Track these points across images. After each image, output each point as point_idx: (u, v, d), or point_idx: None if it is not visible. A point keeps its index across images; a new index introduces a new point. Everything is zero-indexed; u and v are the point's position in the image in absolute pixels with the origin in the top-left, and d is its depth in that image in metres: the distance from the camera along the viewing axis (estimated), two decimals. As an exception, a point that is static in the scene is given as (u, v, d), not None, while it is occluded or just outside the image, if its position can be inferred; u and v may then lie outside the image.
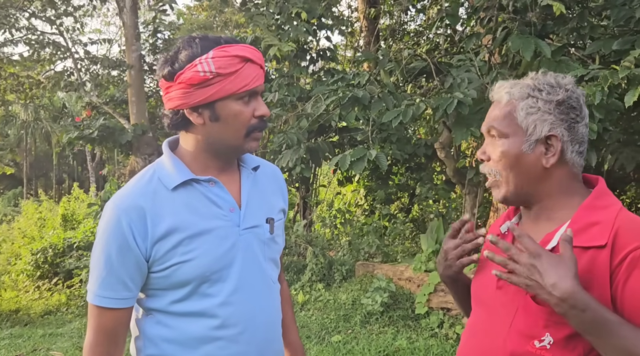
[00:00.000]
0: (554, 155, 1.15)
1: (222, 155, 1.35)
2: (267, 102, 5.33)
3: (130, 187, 1.31)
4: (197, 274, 1.28)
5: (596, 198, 1.16)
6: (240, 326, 1.33)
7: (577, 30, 3.99)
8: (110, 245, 1.24)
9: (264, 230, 1.39)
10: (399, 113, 4.09)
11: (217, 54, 1.23)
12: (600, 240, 1.08)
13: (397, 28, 9.44)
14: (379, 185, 7.70)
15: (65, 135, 6.29)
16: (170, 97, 1.28)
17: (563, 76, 1.19)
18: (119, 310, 1.27)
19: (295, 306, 5.25)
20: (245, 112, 1.28)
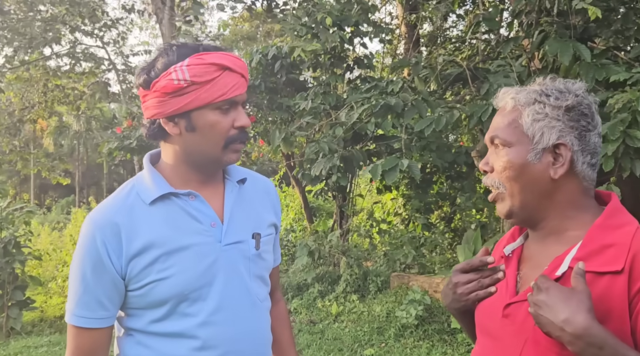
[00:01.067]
0: (563, 165, 1.05)
1: (202, 168, 1.28)
2: (299, 110, 5.30)
3: (107, 202, 1.26)
4: (175, 293, 1.22)
5: (609, 216, 1.05)
6: (222, 348, 1.25)
7: (621, 33, 3.79)
8: (85, 263, 1.20)
9: (249, 246, 1.32)
10: (432, 121, 3.98)
11: (193, 62, 1.18)
12: (617, 264, 0.97)
13: (439, 34, 9.29)
14: (418, 194, 7.55)
15: (105, 145, 6.45)
16: (147, 106, 1.23)
17: (573, 82, 1.09)
18: (96, 330, 1.22)
19: (329, 318, 5.17)
20: (222, 122, 1.22)
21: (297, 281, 5.97)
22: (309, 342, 4.64)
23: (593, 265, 0.99)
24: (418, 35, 8.54)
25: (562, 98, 1.05)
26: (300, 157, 7.09)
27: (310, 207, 8.37)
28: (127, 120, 6.88)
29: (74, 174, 27.52)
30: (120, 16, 8.22)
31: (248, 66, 6.91)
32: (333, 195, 7.06)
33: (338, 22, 5.51)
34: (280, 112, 6.40)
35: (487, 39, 5.94)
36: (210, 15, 32.86)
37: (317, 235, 6.37)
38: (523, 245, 1.18)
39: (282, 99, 6.43)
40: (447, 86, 5.50)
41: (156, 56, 1.23)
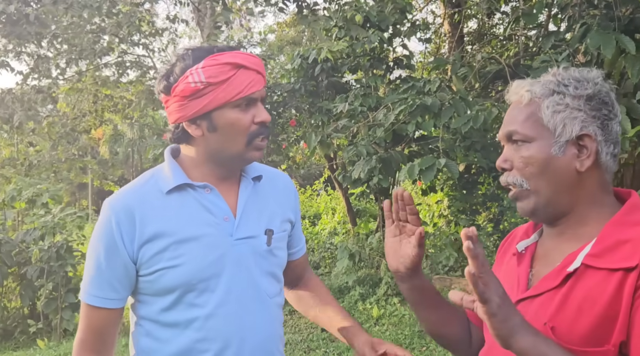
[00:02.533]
0: (589, 157, 1.00)
1: (224, 165, 1.32)
2: (337, 113, 5.29)
3: (126, 188, 1.32)
4: (182, 281, 1.25)
5: (628, 213, 1.00)
6: (226, 341, 1.27)
7: (670, 23, 3.59)
8: (100, 245, 1.26)
9: (261, 242, 1.34)
10: (470, 119, 3.89)
11: (208, 63, 1.22)
12: (631, 261, 0.92)
13: (484, 32, 9.09)
14: (463, 195, 7.40)
15: (151, 151, 6.63)
16: (170, 111, 1.27)
17: (589, 70, 1.05)
18: (106, 310, 1.27)
19: (370, 321, 5.13)
20: (242, 119, 1.25)
21: (338, 284, 5.96)
22: (348, 346, 4.61)
23: (607, 262, 0.95)
24: (462, 33, 8.38)
25: (581, 87, 1.01)
26: (342, 160, 7.09)
27: (354, 209, 8.35)
28: (173, 127, 7.05)
29: (129, 180, 28.46)
30: (166, 26, 8.48)
31: (289, 70, 6.98)
32: (375, 197, 7.01)
33: (377, 23, 5.48)
34: (320, 115, 6.41)
35: (528, 35, 5.77)
36: (256, 22, 33.31)
37: (358, 237, 6.33)
38: (537, 242, 1.14)
39: (322, 103, 6.44)
40: (487, 84, 5.38)
41: (174, 62, 1.27)
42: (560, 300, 0.98)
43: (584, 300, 0.95)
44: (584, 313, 0.94)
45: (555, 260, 1.04)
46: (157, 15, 8.92)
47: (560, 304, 0.97)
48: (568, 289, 0.98)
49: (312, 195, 13.90)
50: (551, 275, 1.02)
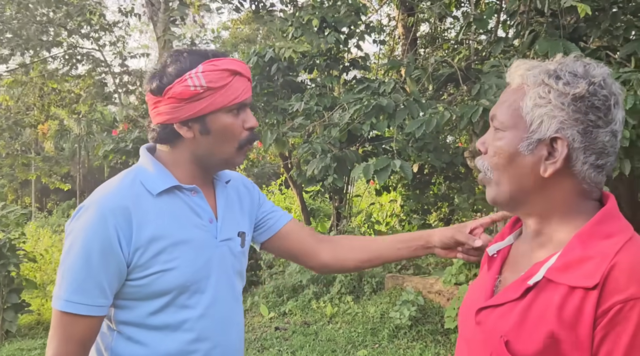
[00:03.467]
0: (555, 163, 0.91)
1: (209, 168, 1.34)
2: (292, 112, 5.31)
3: (114, 188, 1.26)
4: (178, 284, 1.25)
5: (599, 223, 0.91)
6: (214, 340, 1.30)
7: (610, 32, 3.78)
8: (92, 246, 1.18)
9: (236, 244, 1.39)
10: (423, 123, 3.98)
11: (207, 68, 1.23)
12: (591, 279, 0.85)
13: (437, 36, 9.29)
14: (416, 195, 7.55)
15: (101, 148, 6.46)
16: (159, 112, 1.26)
17: (598, 65, 0.93)
18: (92, 318, 1.20)
19: (323, 319, 5.17)
20: (235, 125, 1.28)
21: (292, 283, 5.97)
22: (302, 343, 4.64)
23: (568, 278, 0.88)
24: (415, 37, 8.54)
25: (572, 83, 0.90)
26: (296, 158, 7.10)
27: (308, 209, 8.38)
28: (124, 123, 6.90)
29: (75, 177, 27.57)
30: (118, 20, 8.27)
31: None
32: (330, 196, 7.06)
33: (333, 24, 5.52)
34: (275, 114, 6.40)
35: (479, 40, 5.94)
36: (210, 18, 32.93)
37: (312, 236, 6.36)
38: (512, 244, 1.09)
39: (278, 102, 6.43)
40: (440, 87, 5.50)
41: (166, 63, 1.27)
42: (519, 313, 0.91)
43: (540, 316, 0.89)
44: (539, 330, 0.88)
45: (522, 267, 0.98)
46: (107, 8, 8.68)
47: (518, 317, 0.91)
48: (528, 302, 0.91)
49: (267, 195, 13.87)
50: (514, 285, 0.96)
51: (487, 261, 1.09)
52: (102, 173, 30.76)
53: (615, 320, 0.82)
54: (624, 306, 0.82)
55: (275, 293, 5.87)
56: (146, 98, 1.31)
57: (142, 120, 6.93)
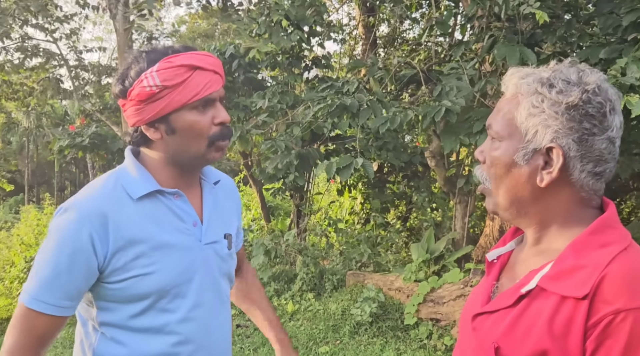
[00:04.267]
0: (551, 173, 0.90)
1: (187, 167, 1.31)
2: (257, 109, 5.31)
3: (93, 192, 1.25)
4: (157, 288, 1.24)
5: (594, 232, 0.90)
6: (197, 343, 1.30)
7: (565, 39, 3.95)
8: (63, 249, 1.18)
9: (222, 246, 1.37)
10: (387, 120, 4.06)
11: (162, 66, 1.20)
12: (581, 289, 0.84)
13: (395, 36, 9.43)
14: (376, 194, 7.67)
15: (56, 142, 6.28)
16: (128, 115, 1.26)
17: (592, 71, 0.92)
18: (55, 317, 1.20)
19: (285, 317, 5.19)
20: (201, 121, 1.23)
21: (253, 281, 5.96)
22: (264, 340, 4.65)
23: (560, 287, 0.87)
24: (375, 37, 8.66)
25: (566, 92, 0.89)
26: (258, 156, 7.09)
27: (268, 206, 8.38)
28: (80, 118, 6.72)
29: (23, 172, 26.61)
30: (74, 11, 8.02)
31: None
32: (290, 194, 7.09)
33: (296, 22, 5.54)
34: (237, 111, 6.38)
35: (440, 42, 6.08)
36: (167, 11, 32.28)
37: (273, 234, 6.37)
38: (513, 250, 1.08)
39: (239, 98, 6.41)
40: (402, 87, 5.61)
41: (129, 64, 1.24)
42: (511, 320, 0.91)
43: (531, 324, 0.88)
44: (530, 338, 0.88)
45: (519, 274, 0.99)
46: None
47: (510, 325, 0.91)
48: (520, 310, 0.91)
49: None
50: (509, 292, 0.96)
51: (487, 266, 1.09)
52: (52, 168, 29.80)
53: (606, 333, 0.81)
54: (615, 318, 0.81)
55: (236, 291, 5.85)
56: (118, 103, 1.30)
57: (99, 114, 6.79)
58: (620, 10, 3.53)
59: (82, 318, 1.31)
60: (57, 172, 26.61)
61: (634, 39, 3.44)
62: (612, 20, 3.56)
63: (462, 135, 3.99)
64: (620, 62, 3.11)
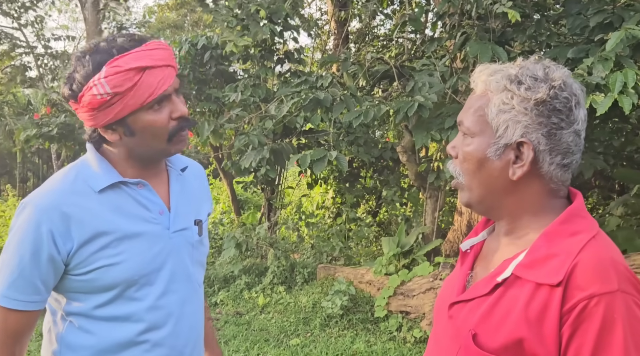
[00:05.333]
0: (522, 167, 0.95)
1: (148, 160, 1.31)
2: (230, 102, 5.28)
3: (53, 187, 1.23)
4: (125, 278, 1.24)
5: (564, 222, 0.94)
6: (166, 330, 1.30)
7: (534, 38, 4.05)
8: (25, 247, 1.18)
9: (193, 233, 1.37)
10: (361, 114, 4.09)
11: (110, 72, 1.15)
12: (555, 277, 0.88)
13: (367, 32, 9.49)
14: (346, 188, 7.72)
15: (22, 132, 6.12)
16: (81, 118, 1.23)
17: (557, 67, 0.96)
18: (26, 312, 1.21)
19: (255, 309, 5.20)
20: (159, 120, 1.22)
21: (223, 274, 5.95)
22: (235, 333, 4.65)
23: (534, 275, 0.91)
24: (347, 32, 8.68)
25: (534, 88, 0.93)
26: (229, 149, 7.05)
27: (238, 199, 8.35)
28: (46, 107, 6.56)
29: (-16, 163, 25.77)
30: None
31: (177, 55, 6.80)
32: (261, 187, 7.08)
33: (269, 15, 5.52)
34: (209, 103, 6.33)
35: (412, 39, 6.15)
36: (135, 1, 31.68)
37: (244, 227, 6.36)
38: (485, 240, 1.12)
39: (211, 90, 6.36)
40: (375, 83, 5.65)
41: (74, 67, 1.20)
42: (487, 308, 0.95)
43: (507, 312, 0.92)
44: (506, 325, 0.91)
45: (493, 263, 1.02)
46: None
47: (486, 312, 0.95)
48: (496, 298, 0.95)
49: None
50: (484, 281, 0.99)
51: (461, 256, 1.13)
52: (14, 159, 28.93)
53: (581, 317, 0.85)
54: (589, 303, 0.85)
55: (206, 284, 5.82)
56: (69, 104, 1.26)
57: (66, 104, 6.61)
58: (588, 11, 3.63)
59: (51, 307, 1.31)
60: (20, 163, 25.86)
61: (600, 39, 3.55)
62: (579, 21, 3.67)
63: (433, 130, 4.05)
64: (587, 61, 3.20)
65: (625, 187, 7.49)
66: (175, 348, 1.32)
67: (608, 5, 3.62)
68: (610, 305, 0.84)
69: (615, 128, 5.97)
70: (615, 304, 0.84)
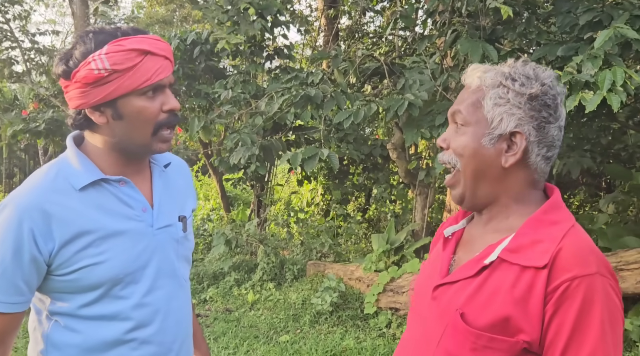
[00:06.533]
0: (515, 155, 1.04)
1: (131, 155, 1.28)
2: (219, 98, 5.25)
3: (33, 185, 1.20)
4: (110, 276, 1.22)
5: (546, 212, 1.04)
6: (153, 327, 1.29)
7: (524, 36, 4.06)
8: (6, 247, 1.15)
9: (177, 229, 1.36)
10: (351, 114, 4.09)
11: (112, 49, 1.15)
12: (541, 260, 0.97)
13: (357, 28, 9.48)
14: (336, 185, 7.72)
15: (9, 128, 6.05)
16: (70, 97, 1.21)
17: (545, 69, 1.07)
18: (9, 314, 1.18)
19: (245, 306, 5.19)
20: (150, 108, 1.21)
21: (213, 270, 5.93)
22: (224, 330, 4.64)
23: (520, 258, 0.99)
24: (337, 29, 8.67)
25: (527, 85, 1.02)
26: (218, 145, 7.02)
27: (227, 196, 8.32)
28: (34, 103, 6.48)
29: (-31, 159, 25.49)
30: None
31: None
32: (251, 184, 7.06)
33: (260, 11, 5.50)
34: (198, 99, 6.30)
35: (403, 36, 6.16)
36: (123, -4, 31.35)
37: (234, 224, 6.35)
38: (464, 228, 1.19)
39: (200, 86, 6.33)
40: (366, 80, 5.66)
41: (73, 44, 1.19)
42: (474, 289, 1.02)
43: (494, 292, 0.99)
44: (493, 304, 0.98)
45: (476, 248, 1.09)
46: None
47: (472, 293, 1.02)
48: (482, 280, 1.02)
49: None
50: (469, 264, 1.06)
51: (443, 242, 1.19)
52: (0, 154, 28.62)
53: (563, 296, 0.94)
54: (571, 283, 0.94)
55: (195, 281, 5.80)
56: (59, 83, 1.24)
57: (54, 99, 6.57)
58: (577, 9, 3.65)
59: (36, 307, 1.29)
60: (6, 159, 25.58)
61: (589, 37, 3.57)
62: (569, 19, 3.69)
63: (424, 128, 4.06)
64: (576, 59, 3.22)
65: (612, 185, 7.57)
66: (163, 345, 1.31)
67: (597, 3, 3.64)
68: (590, 286, 0.94)
69: (603, 126, 6.02)
70: (594, 285, 0.94)
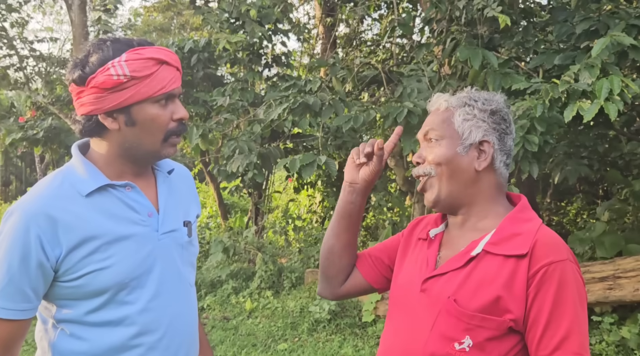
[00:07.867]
0: (486, 160, 1.23)
1: (138, 161, 1.31)
2: (218, 106, 5.26)
3: (40, 192, 1.22)
4: (116, 281, 1.23)
5: (520, 211, 1.24)
6: (159, 333, 1.29)
7: (522, 44, 4.09)
8: (13, 253, 1.16)
9: (182, 234, 1.37)
10: (350, 119, 4.10)
11: (131, 57, 1.20)
12: (522, 249, 1.14)
13: (354, 36, 9.51)
14: (334, 193, 7.72)
15: (7, 136, 6.03)
16: (82, 103, 1.23)
17: (494, 93, 1.30)
18: (17, 321, 1.19)
19: (243, 314, 5.17)
20: (162, 116, 1.25)
21: (210, 278, 5.91)
22: (222, 338, 4.62)
23: (502, 249, 1.16)
24: (335, 37, 8.70)
25: (487, 103, 1.25)
26: (216, 153, 7.01)
27: (225, 203, 8.31)
28: (31, 110, 6.48)
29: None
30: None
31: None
32: (249, 192, 7.05)
33: (259, 19, 5.52)
34: (196, 106, 6.30)
35: (401, 44, 6.18)
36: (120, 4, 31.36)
37: (232, 231, 6.34)
38: (444, 231, 1.34)
39: (198, 94, 6.34)
40: (364, 87, 5.67)
41: (88, 51, 1.23)
42: (463, 278, 1.17)
43: (482, 279, 1.15)
44: (481, 290, 1.14)
45: (459, 245, 1.24)
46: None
47: (462, 281, 1.17)
48: (470, 270, 1.18)
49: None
50: (456, 257, 1.21)
51: (428, 242, 1.33)
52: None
53: (542, 279, 1.12)
54: (549, 268, 1.12)
55: (193, 289, 5.79)
56: (70, 89, 1.27)
57: (51, 107, 6.57)
58: (574, 18, 3.68)
59: (42, 316, 1.29)
60: (2, 166, 25.54)
61: (586, 46, 3.59)
62: (566, 28, 3.71)
63: (422, 135, 4.06)
64: (574, 68, 3.23)
65: (610, 193, 7.58)
66: (169, 350, 1.31)
67: (594, 13, 3.67)
68: (563, 270, 1.12)
69: (599, 134, 6.04)
70: (566, 269, 1.12)
